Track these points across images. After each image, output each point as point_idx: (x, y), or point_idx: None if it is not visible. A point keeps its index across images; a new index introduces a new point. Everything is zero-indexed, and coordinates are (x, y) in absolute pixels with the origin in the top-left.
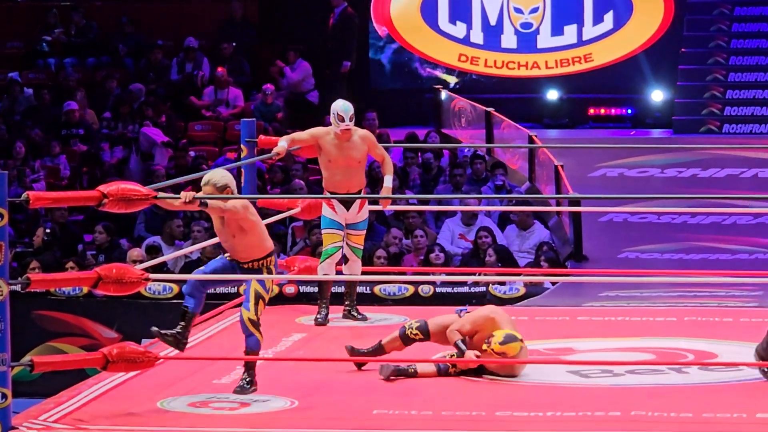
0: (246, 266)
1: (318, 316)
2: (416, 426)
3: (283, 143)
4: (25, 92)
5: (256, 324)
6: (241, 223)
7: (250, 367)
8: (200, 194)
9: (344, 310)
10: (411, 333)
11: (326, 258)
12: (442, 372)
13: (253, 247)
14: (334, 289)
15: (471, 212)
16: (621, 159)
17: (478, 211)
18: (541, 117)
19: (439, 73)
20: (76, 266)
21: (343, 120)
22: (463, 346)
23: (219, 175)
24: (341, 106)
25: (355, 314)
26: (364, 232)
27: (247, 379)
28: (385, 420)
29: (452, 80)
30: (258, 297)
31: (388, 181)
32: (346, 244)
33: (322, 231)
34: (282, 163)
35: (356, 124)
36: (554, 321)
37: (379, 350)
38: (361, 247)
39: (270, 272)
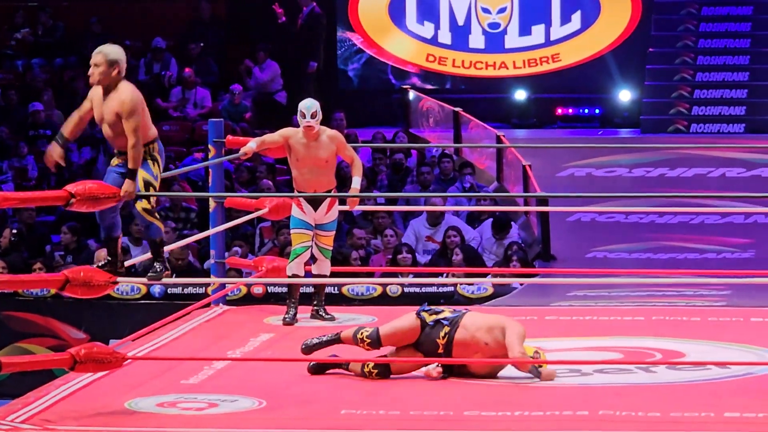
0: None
1: (286, 316)
2: (384, 426)
3: (252, 144)
4: None
5: (151, 212)
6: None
7: (158, 254)
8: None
9: (312, 310)
10: (360, 340)
11: (295, 257)
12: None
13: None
14: (303, 290)
15: (437, 213)
16: (589, 159)
17: (446, 211)
18: (508, 117)
19: (419, 83)
20: (44, 267)
21: (304, 116)
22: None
23: (115, 49)
24: (303, 103)
25: (323, 314)
26: (333, 233)
27: (159, 267)
28: (354, 420)
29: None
30: (148, 184)
31: (356, 182)
32: (315, 244)
33: (291, 231)
34: (250, 164)
35: (324, 124)
36: (522, 321)
37: (336, 340)
38: (330, 248)
39: (154, 159)
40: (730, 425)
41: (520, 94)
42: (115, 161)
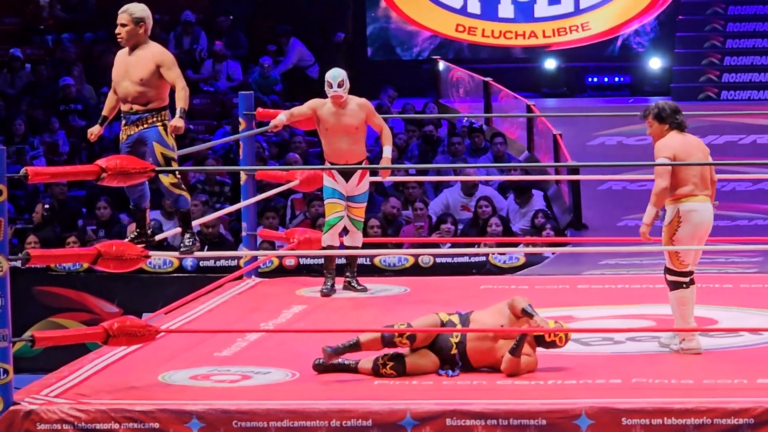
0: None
1: (323, 287)
2: (419, 395)
3: (282, 117)
4: (25, 68)
5: (178, 185)
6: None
7: (188, 225)
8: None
9: (345, 282)
10: (399, 341)
11: (329, 228)
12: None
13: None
14: (337, 260)
15: (471, 182)
16: (619, 127)
17: (478, 181)
18: (539, 86)
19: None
20: (78, 242)
21: (331, 86)
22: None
23: (140, 8)
24: (330, 73)
25: (355, 285)
26: (365, 204)
27: (189, 240)
28: (387, 390)
29: None
30: (168, 159)
31: (387, 151)
32: (347, 216)
33: (325, 201)
34: (278, 138)
35: (354, 94)
36: (554, 289)
37: (355, 346)
38: (362, 220)
39: (166, 128)
40: (763, 391)
41: (550, 63)
42: (124, 134)
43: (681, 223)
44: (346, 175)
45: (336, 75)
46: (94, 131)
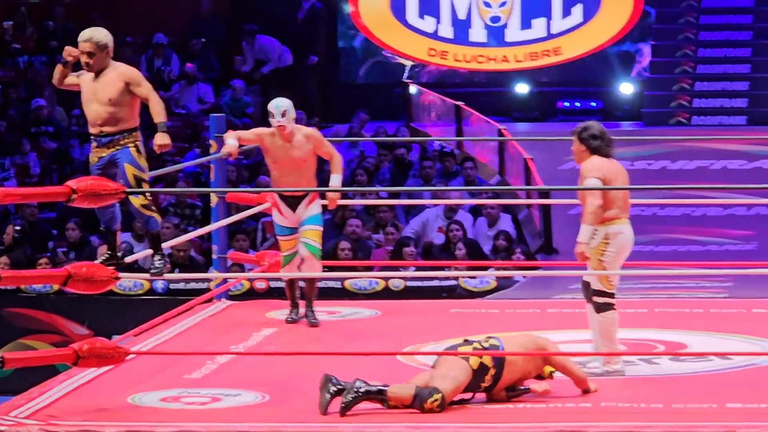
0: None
1: (288, 317)
2: (389, 419)
3: (231, 141)
4: None
5: (148, 206)
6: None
7: (158, 246)
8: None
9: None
10: (431, 405)
11: (286, 264)
12: (418, 403)
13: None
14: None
15: (454, 206)
16: None
17: (456, 205)
18: (510, 110)
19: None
20: (50, 263)
21: (273, 116)
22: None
23: (102, 33)
24: (272, 103)
25: (311, 319)
26: (318, 228)
27: (159, 262)
28: (357, 413)
29: (407, 63)
30: (139, 180)
31: (335, 180)
32: (300, 241)
33: (277, 237)
34: (249, 161)
35: (325, 119)
36: (525, 313)
37: (381, 394)
38: (316, 244)
39: (140, 152)
40: (732, 416)
41: (522, 88)
42: (95, 156)
43: (608, 245)
44: (293, 205)
45: (279, 105)
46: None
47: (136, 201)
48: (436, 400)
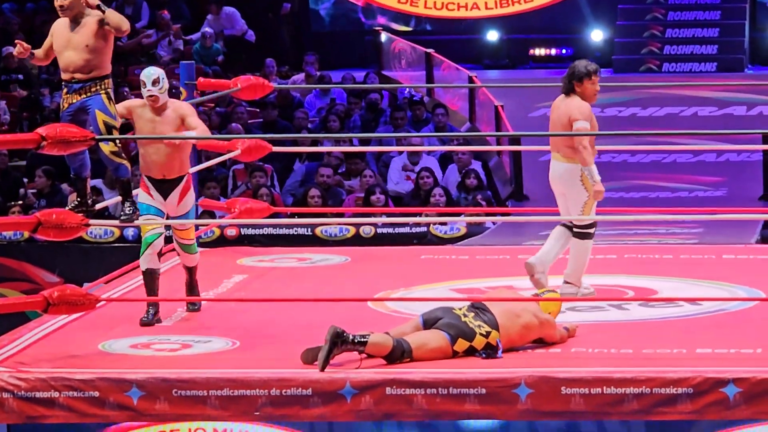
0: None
1: (144, 316)
2: (360, 365)
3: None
4: None
5: (118, 153)
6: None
7: (128, 194)
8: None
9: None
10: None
11: (146, 248)
12: (394, 357)
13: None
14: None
15: (416, 152)
16: None
17: (422, 151)
18: (481, 58)
19: (385, 22)
20: (22, 211)
21: (144, 85)
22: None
23: None
24: (144, 72)
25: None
26: (190, 226)
27: (129, 209)
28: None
29: (404, 29)
30: (109, 126)
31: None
32: (175, 240)
33: (139, 216)
34: (221, 108)
35: (295, 68)
36: (495, 260)
37: (360, 345)
38: (191, 242)
39: (110, 98)
40: (702, 361)
41: (492, 35)
42: (65, 103)
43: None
44: (164, 191)
45: (150, 73)
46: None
47: (106, 148)
48: (406, 361)
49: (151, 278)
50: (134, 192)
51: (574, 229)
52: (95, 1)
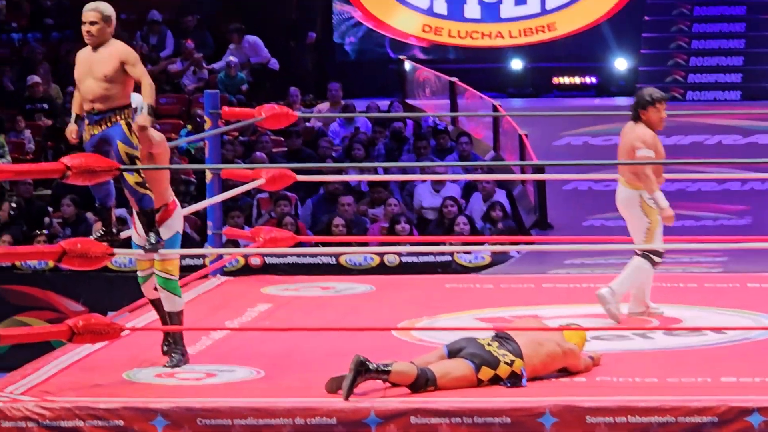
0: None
1: (171, 360)
2: (385, 393)
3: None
4: None
5: (142, 184)
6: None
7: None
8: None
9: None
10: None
11: (142, 284)
12: (418, 385)
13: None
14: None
15: (440, 180)
16: (585, 127)
17: (444, 180)
18: (505, 86)
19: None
20: (47, 240)
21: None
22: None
23: (107, 5)
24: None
25: (172, 355)
26: (169, 255)
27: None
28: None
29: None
30: (132, 158)
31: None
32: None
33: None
34: (244, 137)
35: (319, 96)
36: (520, 288)
37: (384, 374)
38: (166, 275)
39: (132, 129)
40: (726, 390)
41: (516, 64)
42: (87, 134)
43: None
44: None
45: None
46: (74, 131)
47: (130, 178)
48: (430, 389)
49: (157, 310)
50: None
51: (643, 252)
52: (148, 101)
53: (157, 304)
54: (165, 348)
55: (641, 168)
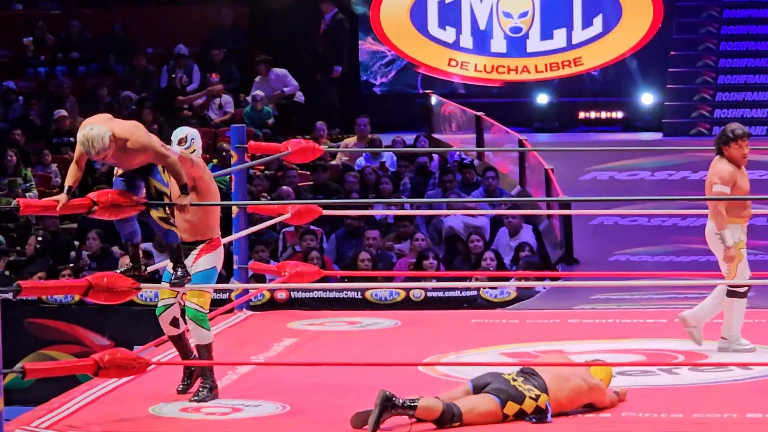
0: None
1: (198, 394)
2: (411, 429)
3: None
4: (18, 101)
5: (166, 220)
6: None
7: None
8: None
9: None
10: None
11: (159, 315)
12: (443, 422)
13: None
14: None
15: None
16: (611, 162)
17: (472, 214)
18: (531, 121)
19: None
20: (72, 274)
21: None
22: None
23: (101, 129)
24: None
25: (196, 395)
26: (201, 286)
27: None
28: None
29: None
30: (160, 194)
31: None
32: (179, 303)
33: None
34: (270, 171)
35: (345, 131)
36: (545, 324)
37: (410, 409)
38: (196, 306)
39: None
40: (752, 426)
41: (543, 98)
42: (119, 169)
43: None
44: (183, 253)
45: (177, 133)
46: (61, 201)
47: (155, 214)
48: (456, 425)
49: (179, 346)
50: (160, 265)
51: (728, 288)
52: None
53: (174, 340)
54: (181, 387)
55: (715, 205)
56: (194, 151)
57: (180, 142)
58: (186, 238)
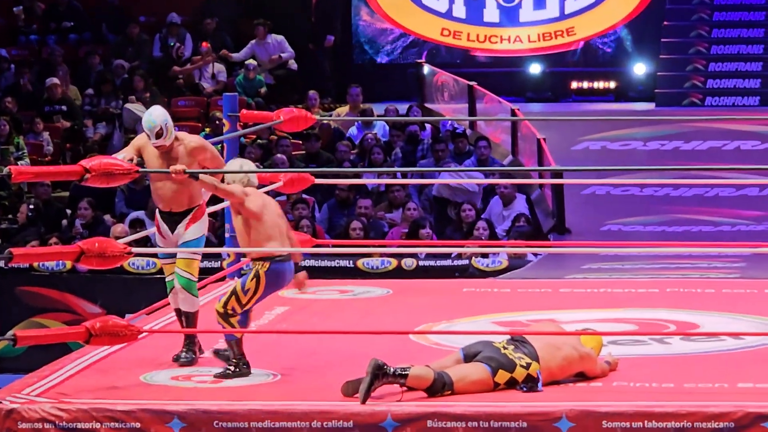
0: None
1: (183, 356)
2: (402, 397)
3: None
4: (10, 69)
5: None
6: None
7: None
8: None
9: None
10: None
11: (169, 292)
12: (435, 390)
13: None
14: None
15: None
16: (603, 132)
17: (464, 183)
18: (523, 91)
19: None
20: (59, 242)
21: (149, 138)
22: None
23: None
24: (143, 121)
25: (184, 355)
26: (190, 254)
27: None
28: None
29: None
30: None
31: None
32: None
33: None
34: (263, 140)
35: (338, 100)
36: (537, 293)
37: (401, 378)
38: (185, 273)
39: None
40: (743, 395)
41: (535, 68)
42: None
43: None
44: (171, 224)
45: (151, 125)
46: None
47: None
48: (447, 393)
49: (179, 318)
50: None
51: None
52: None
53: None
54: (177, 356)
55: None
56: (169, 135)
57: (158, 135)
58: (175, 209)
